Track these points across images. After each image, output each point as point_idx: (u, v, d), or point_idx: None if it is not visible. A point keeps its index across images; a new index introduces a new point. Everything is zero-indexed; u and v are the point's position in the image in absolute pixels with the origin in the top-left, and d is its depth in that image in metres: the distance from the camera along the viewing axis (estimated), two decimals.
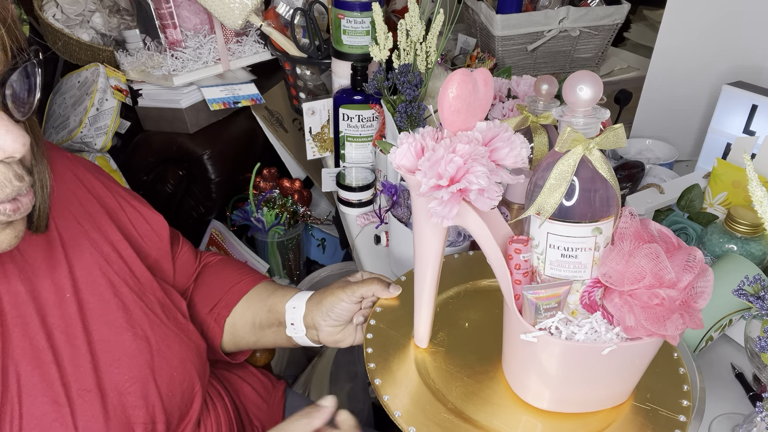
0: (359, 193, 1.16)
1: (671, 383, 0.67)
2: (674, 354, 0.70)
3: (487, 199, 0.56)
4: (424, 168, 0.56)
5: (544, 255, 0.59)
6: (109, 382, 0.67)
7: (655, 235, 0.59)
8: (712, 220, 0.99)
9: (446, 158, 0.55)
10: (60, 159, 0.75)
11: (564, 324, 0.59)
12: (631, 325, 0.56)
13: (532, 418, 0.64)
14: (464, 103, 0.56)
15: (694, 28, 1.21)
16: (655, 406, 0.64)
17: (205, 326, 0.87)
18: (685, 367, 0.69)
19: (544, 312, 0.58)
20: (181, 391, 0.74)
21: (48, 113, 1.52)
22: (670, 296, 0.55)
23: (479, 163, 0.55)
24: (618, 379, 0.62)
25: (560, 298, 0.58)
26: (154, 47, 1.41)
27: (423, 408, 0.63)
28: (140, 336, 0.71)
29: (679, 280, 0.56)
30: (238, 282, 0.89)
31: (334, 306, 0.78)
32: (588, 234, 0.57)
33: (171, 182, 1.51)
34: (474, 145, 0.56)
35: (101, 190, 0.77)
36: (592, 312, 0.60)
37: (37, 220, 0.62)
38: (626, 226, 0.58)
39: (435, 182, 0.55)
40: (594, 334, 0.58)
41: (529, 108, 0.85)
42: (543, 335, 0.58)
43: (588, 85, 0.54)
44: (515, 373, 0.65)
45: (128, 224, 0.78)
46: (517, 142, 0.58)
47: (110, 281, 0.70)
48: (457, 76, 0.56)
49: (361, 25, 1.09)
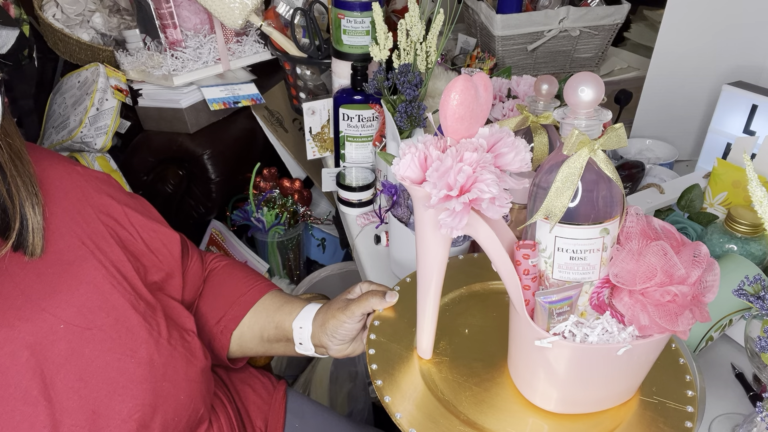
0: (359, 193, 1.16)
1: (674, 375, 0.67)
2: (672, 345, 0.70)
3: (498, 207, 0.55)
4: (432, 179, 0.55)
5: (552, 259, 0.59)
6: (109, 412, 0.66)
7: (660, 232, 0.59)
8: (712, 220, 0.99)
9: (455, 168, 0.54)
10: (69, 175, 0.73)
11: (577, 327, 0.59)
12: (646, 324, 0.56)
13: (543, 421, 0.63)
14: (467, 110, 0.56)
15: (694, 28, 1.21)
16: (662, 399, 0.64)
17: (212, 337, 0.86)
18: (684, 357, 0.69)
19: (557, 316, 0.58)
20: (187, 416, 0.74)
21: (48, 113, 1.52)
22: (682, 292, 0.55)
23: (488, 171, 0.54)
24: (628, 377, 0.62)
25: (572, 301, 0.58)
26: (154, 47, 1.41)
27: (437, 422, 0.62)
28: (145, 360, 0.69)
29: (689, 275, 0.56)
30: (244, 293, 0.88)
31: (337, 329, 0.78)
32: (596, 235, 0.57)
33: (171, 182, 1.51)
34: (480, 152, 0.55)
35: (112, 207, 0.75)
36: (602, 312, 0.60)
37: (32, 243, 0.61)
38: (633, 225, 0.58)
39: (445, 193, 0.54)
40: (606, 334, 0.58)
41: (529, 108, 0.85)
42: (557, 340, 0.57)
43: (590, 87, 0.54)
44: (527, 379, 0.65)
45: (138, 241, 0.76)
46: (521, 145, 0.57)
47: (114, 305, 0.69)
48: (460, 84, 0.54)
49: (361, 25, 1.09)
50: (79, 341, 0.66)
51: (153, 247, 0.78)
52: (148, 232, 0.78)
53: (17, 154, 0.63)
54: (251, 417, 0.90)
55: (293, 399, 0.96)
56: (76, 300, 0.66)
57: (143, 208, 0.80)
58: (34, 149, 0.73)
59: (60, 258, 0.67)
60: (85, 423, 0.64)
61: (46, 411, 0.62)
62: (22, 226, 0.63)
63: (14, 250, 0.64)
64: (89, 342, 0.66)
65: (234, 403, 0.89)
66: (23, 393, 0.62)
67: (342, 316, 0.77)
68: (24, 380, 0.62)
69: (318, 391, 1.38)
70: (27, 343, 0.63)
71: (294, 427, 0.92)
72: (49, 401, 0.63)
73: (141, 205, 0.80)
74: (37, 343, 0.63)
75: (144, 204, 0.82)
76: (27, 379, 0.62)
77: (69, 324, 0.65)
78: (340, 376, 1.37)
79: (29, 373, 0.62)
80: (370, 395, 1.38)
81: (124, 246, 0.74)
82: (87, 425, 0.65)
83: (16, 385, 0.62)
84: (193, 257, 0.88)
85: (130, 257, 0.74)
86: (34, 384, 0.62)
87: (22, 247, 0.64)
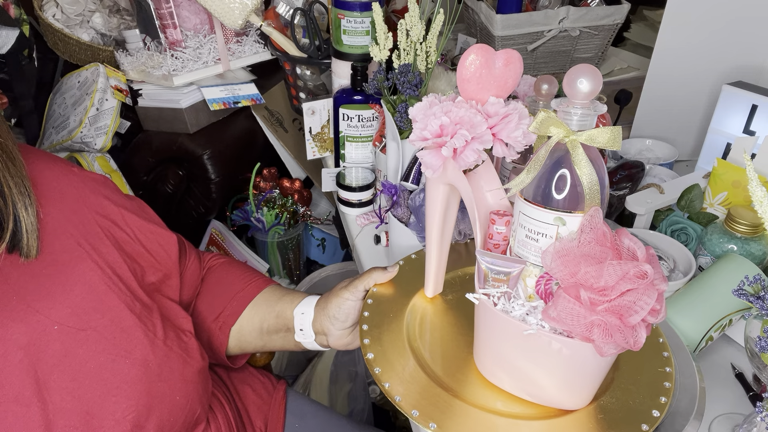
0: (359, 193, 1.16)
1: (650, 396, 0.65)
2: (666, 368, 0.68)
3: (461, 159, 0.62)
4: (418, 118, 0.63)
5: (516, 232, 0.62)
6: (103, 412, 0.66)
7: (622, 246, 0.57)
8: (712, 220, 0.98)
9: (437, 115, 0.61)
10: (65, 176, 0.73)
11: (506, 299, 0.61)
12: (553, 316, 0.56)
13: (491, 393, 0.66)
14: (474, 74, 0.61)
15: (694, 28, 1.21)
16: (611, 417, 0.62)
17: (211, 334, 0.86)
18: (672, 381, 0.67)
19: (492, 281, 0.61)
20: (183, 416, 0.74)
21: (48, 113, 1.52)
22: (591, 298, 0.54)
23: (464, 128, 0.61)
24: (561, 380, 0.62)
25: (509, 275, 0.61)
26: (154, 47, 1.41)
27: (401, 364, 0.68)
28: (139, 361, 0.69)
29: (611, 288, 0.54)
30: (242, 289, 0.88)
31: (340, 306, 0.78)
32: (549, 221, 0.58)
33: (171, 182, 1.51)
34: (471, 113, 0.61)
35: (109, 209, 0.75)
36: (546, 302, 0.60)
37: (26, 245, 0.61)
38: (587, 223, 0.57)
39: (420, 133, 0.63)
40: (527, 317, 0.60)
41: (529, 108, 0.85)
42: (483, 299, 0.61)
43: (587, 78, 0.55)
44: (476, 343, 0.69)
45: (135, 243, 0.76)
46: (514, 123, 0.62)
47: (109, 306, 0.69)
48: (475, 48, 0.61)
49: (361, 25, 1.09)
50: (73, 342, 0.66)
51: (150, 248, 0.78)
52: (145, 234, 0.78)
53: (9, 155, 0.63)
54: (251, 417, 0.90)
55: (293, 399, 0.96)
56: (70, 301, 0.66)
57: (140, 209, 0.80)
58: (31, 151, 0.73)
59: (55, 259, 0.67)
60: (79, 423, 0.65)
61: (40, 411, 0.63)
62: (16, 228, 0.63)
63: (9, 252, 0.64)
64: (83, 343, 0.66)
65: (233, 403, 0.89)
66: (16, 394, 0.62)
67: (345, 292, 0.79)
68: (17, 381, 0.62)
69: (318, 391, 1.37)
70: (20, 344, 0.63)
71: (294, 427, 0.92)
72: (43, 402, 0.63)
73: (138, 207, 0.80)
74: (31, 344, 0.63)
75: (141, 205, 0.82)
76: (20, 380, 0.62)
77: (63, 325, 0.65)
78: (340, 376, 1.37)
79: (22, 373, 0.62)
80: (370, 395, 1.38)
81: (120, 247, 0.74)
82: (81, 426, 0.65)
83: (9, 386, 0.62)
84: (190, 257, 0.88)
85: (126, 258, 0.73)
86: (28, 385, 0.63)
87: (17, 249, 0.64)
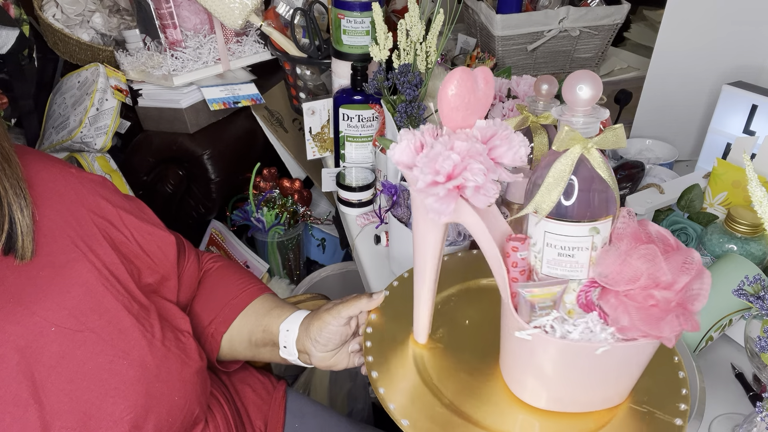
0: (359, 193, 1.16)
1: (669, 386, 0.66)
2: (675, 358, 0.69)
3: (483, 196, 0.56)
4: (421, 164, 0.56)
5: (541, 254, 0.60)
6: (101, 413, 0.65)
7: (653, 236, 0.59)
8: (712, 220, 0.99)
9: (444, 155, 0.55)
10: (63, 177, 0.73)
11: (559, 323, 0.59)
12: (626, 326, 0.55)
13: (527, 416, 0.64)
14: (463, 101, 0.57)
15: (694, 28, 1.21)
16: (651, 409, 0.64)
17: (204, 339, 0.86)
18: (684, 371, 0.68)
19: (539, 310, 0.58)
20: (181, 417, 0.73)
21: (48, 113, 1.52)
22: (665, 298, 0.55)
23: (477, 161, 0.55)
24: (614, 380, 0.62)
25: (555, 296, 0.58)
26: (154, 47, 1.41)
27: (418, 402, 0.64)
28: (137, 362, 0.69)
29: (675, 281, 0.55)
30: (235, 296, 0.87)
31: (321, 331, 0.75)
32: (585, 233, 0.57)
33: (171, 182, 1.51)
34: (472, 142, 0.56)
35: (107, 209, 0.75)
36: (589, 312, 0.60)
37: (22, 247, 0.61)
38: (623, 227, 0.58)
39: (432, 178, 0.56)
40: (589, 333, 0.58)
41: (529, 108, 0.85)
42: (537, 333, 0.58)
43: (587, 85, 0.54)
44: (511, 371, 0.65)
45: (133, 244, 0.76)
46: (516, 140, 0.58)
47: (106, 307, 0.69)
48: (457, 74, 0.56)
49: (361, 25, 1.09)
50: (70, 344, 0.65)
51: (148, 249, 0.78)
52: (143, 235, 0.78)
53: (5, 157, 0.63)
54: (251, 417, 0.90)
55: (293, 399, 0.96)
56: (67, 302, 0.66)
57: (139, 210, 0.80)
58: (28, 152, 0.73)
59: (52, 260, 0.67)
60: (77, 425, 0.64)
61: (37, 413, 0.62)
62: (11, 229, 0.63)
63: (4, 254, 0.64)
64: (81, 344, 0.66)
65: (233, 403, 0.89)
66: (13, 396, 0.62)
67: (327, 316, 0.75)
68: (14, 383, 0.62)
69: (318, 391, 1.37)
70: (17, 346, 0.63)
71: (294, 427, 0.92)
72: (40, 404, 0.63)
73: (136, 208, 0.80)
74: (27, 346, 0.63)
75: (140, 206, 0.81)
76: (17, 382, 0.62)
77: (60, 326, 0.65)
78: (340, 376, 1.37)
79: (19, 375, 0.62)
80: (369, 395, 1.38)
81: (117, 248, 0.74)
82: (78, 427, 0.64)
83: (6, 388, 0.62)
84: (189, 258, 0.88)
85: (123, 259, 0.73)
86: (24, 387, 0.62)
87: (12, 251, 0.64)
